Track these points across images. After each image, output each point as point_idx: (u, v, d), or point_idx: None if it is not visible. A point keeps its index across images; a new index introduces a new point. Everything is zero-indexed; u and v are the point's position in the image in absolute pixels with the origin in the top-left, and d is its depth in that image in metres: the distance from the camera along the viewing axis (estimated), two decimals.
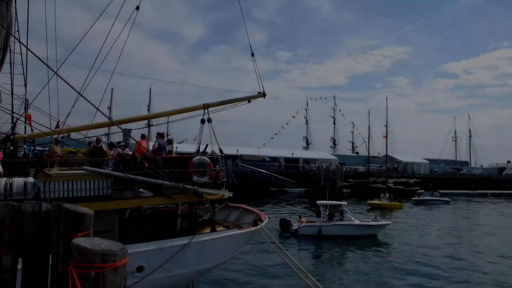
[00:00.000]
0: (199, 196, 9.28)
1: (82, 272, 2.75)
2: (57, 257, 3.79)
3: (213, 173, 9.66)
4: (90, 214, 3.78)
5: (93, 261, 2.73)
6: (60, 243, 3.69)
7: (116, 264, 2.81)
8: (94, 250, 2.74)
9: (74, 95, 8.06)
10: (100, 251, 2.75)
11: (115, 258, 2.80)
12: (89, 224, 3.75)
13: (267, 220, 11.45)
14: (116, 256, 2.80)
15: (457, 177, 77.45)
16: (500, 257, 18.89)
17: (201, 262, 9.58)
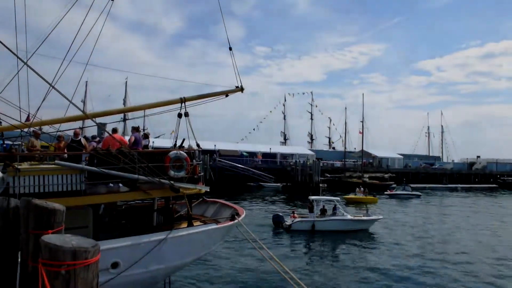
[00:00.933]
0: (176, 191, 9.17)
1: (52, 270, 2.65)
2: (26, 254, 3.65)
3: (190, 168, 9.55)
4: (62, 210, 3.65)
5: (63, 258, 2.63)
6: (29, 240, 3.56)
7: (88, 261, 2.72)
8: (64, 247, 2.64)
9: (45, 87, 7.78)
10: (70, 248, 2.65)
11: (87, 255, 2.70)
12: (60, 220, 3.62)
13: (245, 214, 11.45)
14: (88, 253, 2.71)
15: (429, 172, 79.63)
16: (466, 252, 19.53)
17: (178, 258, 9.49)
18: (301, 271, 14.78)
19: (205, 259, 14.33)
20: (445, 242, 21.21)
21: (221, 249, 16.42)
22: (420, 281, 14.09)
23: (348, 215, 23.66)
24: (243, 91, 11.38)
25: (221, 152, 59.26)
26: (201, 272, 13.86)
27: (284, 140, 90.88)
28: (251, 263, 15.16)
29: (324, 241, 20.72)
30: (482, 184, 79.59)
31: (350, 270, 15.33)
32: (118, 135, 10.43)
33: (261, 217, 27.35)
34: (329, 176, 61.01)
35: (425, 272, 15.22)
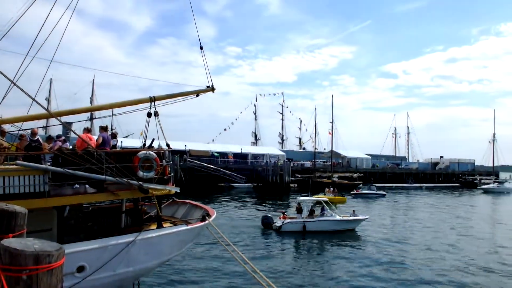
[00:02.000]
0: (145, 192, 9.00)
1: (13, 276, 2.52)
2: None
3: (159, 168, 9.39)
4: (23, 213, 3.49)
5: (25, 263, 2.51)
6: None
7: (52, 265, 2.60)
8: (25, 251, 2.51)
9: (6, 83, 7.44)
10: (33, 252, 2.52)
11: (50, 259, 2.58)
12: (22, 223, 3.46)
13: (215, 215, 11.38)
14: (51, 257, 2.59)
15: (396, 172, 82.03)
16: (427, 247, 20.27)
17: (147, 260, 9.31)
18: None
19: (175, 261, 14.14)
20: (406, 239, 21.93)
21: (192, 251, 16.25)
22: (380, 276, 14.67)
23: (337, 215, 24.01)
24: (214, 91, 11.32)
25: (191, 153, 58.71)
26: (171, 274, 13.67)
27: (255, 140, 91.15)
28: (221, 264, 15.09)
29: (316, 241, 20.92)
30: (445, 183, 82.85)
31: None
32: (89, 135, 10.12)
33: (252, 219, 27.24)
34: (299, 176, 61.68)
35: (387, 267, 15.70)
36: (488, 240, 22.55)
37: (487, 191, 67.14)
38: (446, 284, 13.92)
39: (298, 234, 22.13)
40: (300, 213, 24.00)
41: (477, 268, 16.08)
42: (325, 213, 23.89)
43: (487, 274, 15.26)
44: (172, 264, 13.94)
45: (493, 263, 16.97)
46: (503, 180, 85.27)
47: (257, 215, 29.36)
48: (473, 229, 26.27)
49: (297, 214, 24.06)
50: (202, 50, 11.20)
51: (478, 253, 18.73)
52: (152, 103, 10.01)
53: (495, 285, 14.06)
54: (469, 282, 14.19)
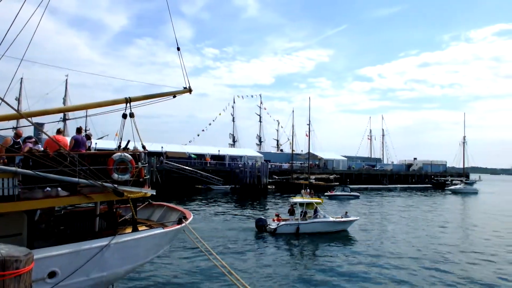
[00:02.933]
0: (120, 195, 8.81)
1: None
2: None
3: (135, 171, 9.23)
4: None
5: None
6: None
7: (20, 271, 2.51)
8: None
9: None
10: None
11: (18, 265, 2.49)
12: None
13: (192, 218, 11.27)
14: (19, 262, 2.50)
15: (371, 173, 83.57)
16: (399, 249, 20.72)
17: (122, 264, 9.12)
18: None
19: (151, 264, 13.92)
20: (380, 239, 22.41)
21: (168, 254, 16.05)
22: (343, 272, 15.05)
23: (330, 217, 24.29)
24: (191, 92, 11.22)
25: (168, 154, 58.06)
26: (147, 278, 13.45)
27: (233, 142, 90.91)
28: (198, 267, 14.95)
29: (311, 243, 21.02)
30: (419, 184, 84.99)
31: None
32: (60, 136, 9.83)
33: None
34: (277, 178, 61.96)
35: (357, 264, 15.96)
36: (460, 237, 23.28)
37: (455, 191, 69.29)
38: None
39: (292, 236, 22.19)
40: (292, 214, 24.09)
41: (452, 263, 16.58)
42: (318, 214, 24.08)
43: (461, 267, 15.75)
44: (148, 267, 13.72)
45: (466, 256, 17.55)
46: (472, 181, 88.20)
47: (244, 217, 29.39)
48: (441, 229, 27.03)
49: (290, 216, 24.10)
50: (179, 51, 11.07)
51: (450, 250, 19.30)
52: (128, 104, 9.83)
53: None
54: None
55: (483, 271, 16.04)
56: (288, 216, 24.33)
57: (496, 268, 16.58)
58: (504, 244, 21.62)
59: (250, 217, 29.75)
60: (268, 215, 30.99)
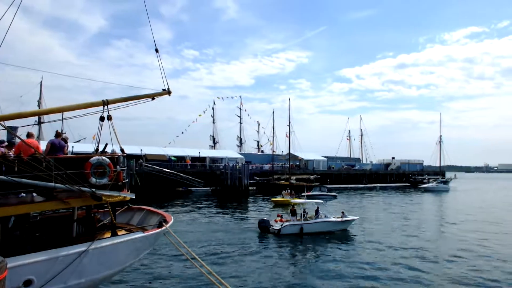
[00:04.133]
0: (98, 199, 8.63)
1: None
2: None
3: (113, 174, 9.06)
4: None
5: None
6: None
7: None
8: None
9: None
10: None
11: None
12: None
13: (173, 221, 11.14)
14: None
15: (351, 173, 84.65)
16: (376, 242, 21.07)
17: (101, 270, 8.93)
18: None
19: (132, 269, 13.69)
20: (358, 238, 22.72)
21: (149, 258, 15.82)
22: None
23: (331, 216, 24.53)
24: (171, 94, 11.11)
25: (148, 157, 57.36)
26: (127, 283, 13.21)
27: (213, 143, 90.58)
28: (180, 271, 14.78)
29: (315, 243, 21.06)
30: (397, 183, 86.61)
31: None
32: (31, 140, 9.55)
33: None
34: (258, 179, 62.02)
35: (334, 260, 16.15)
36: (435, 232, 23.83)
37: (427, 189, 70.91)
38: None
39: (296, 237, 22.29)
40: (294, 215, 24.18)
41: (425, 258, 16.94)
42: (320, 214, 24.32)
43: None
44: (128, 272, 13.48)
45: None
46: (448, 180, 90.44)
47: (237, 219, 29.23)
48: (414, 226, 27.63)
49: (292, 217, 24.17)
50: (157, 53, 10.97)
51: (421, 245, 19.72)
52: (105, 107, 9.65)
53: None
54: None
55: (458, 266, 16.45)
56: (290, 217, 24.39)
57: (467, 263, 17.03)
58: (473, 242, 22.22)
59: (243, 219, 29.77)
60: (249, 216, 31.08)
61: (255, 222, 27.86)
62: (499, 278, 14.69)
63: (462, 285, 13.92)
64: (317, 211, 24.55)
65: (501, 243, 21.59)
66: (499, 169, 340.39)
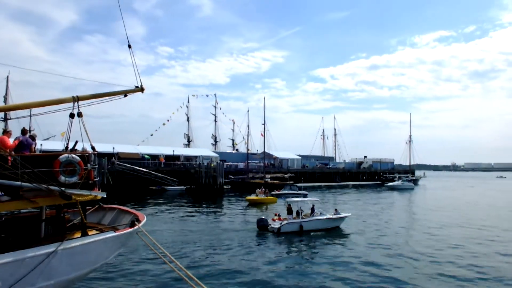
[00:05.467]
0: (67, 198, 8.39)
1: None
2: None
3: (84, 173, 8.83)
4: None
5: None
6: None
7: None
8: None
9: None
10: None
11: None
12: None
13: (145, 220, 10.98)
14: None
15: (324, 171, 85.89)
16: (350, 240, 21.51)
17: (71, 271, 8.69)
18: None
19: (103, 270, 13.39)
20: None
21: (121, 258, 15.52)
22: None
23: (327, 214, 25.13)
24: (144, 91, 10.93)
25: (120, 155, 56.26)
26: (98, 284, 12.91)
27: (187, 142, 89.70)
28: (153, 271, 14.57)
29: (315, 240, 21.38)
30: (369, 181, 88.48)
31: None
32: (5, 137, 9.16)
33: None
34: (232, 177, 61.93)
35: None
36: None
37: (393, 188, 72.80)
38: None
39: (295, 234, 22.48)
40: (290, 213, 24.34)
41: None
42: (316, 212, 24.72)
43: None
44: (99, 273, 13.18)
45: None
46: (417, 178, 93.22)
47: (218, 217, 28.99)
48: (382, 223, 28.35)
49: (288, 215, 24.31)
50: (130, 49, 10.78)
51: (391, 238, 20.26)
52: (76, 103, 9.39)
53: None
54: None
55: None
56: (286, 215, 24.53)
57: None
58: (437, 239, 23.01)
59: (219, 218, 29.56)
60: (225, 215, 31.04)
61: (231, 221, 27.89)
62: (462, 270, 15.27)
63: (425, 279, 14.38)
64: (313, 209, 24.98)
65: (465, 238, 22.45)
66: (465, 168, 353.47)
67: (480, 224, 28.19)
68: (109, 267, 14.14)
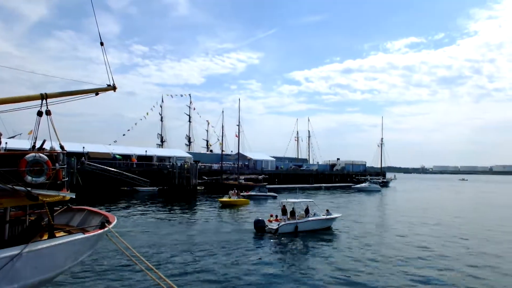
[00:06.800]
0: (34, 199, 8.10)
1: None
2: None
3: (51, 172, 8.56)
4: None
5: None
6: None
7: None
8: None
9: None
10: None
11: None
12: None
13: (116, 221, 10.75)
14: None
15: (298, 173, 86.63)
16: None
17: (36, 274, 8.38)
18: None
19: (71, 273, 13.00)
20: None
21: (90, 261, 15.10)
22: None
23: (321, 214, 25.55)
24: (116, 90, 10.73)
25: (91, 155, 54.87)
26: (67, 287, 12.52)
27: (161, 142, 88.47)
28: (123, 274, 14.24)
29: (310, 240, 21.64)
30: (341, 183, 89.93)
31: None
32: None
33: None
34: (206, 178, 61.53)
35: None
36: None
37: (360, 190, 74.36)
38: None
39: (292, 235, 22.73)
40: (285, 214, 24.50)
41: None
42: (310, 213, 25.14)
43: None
44: (66, 276, 12.79)
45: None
46: (388, 180, 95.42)
47: (190, 218, 28.61)
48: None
49: (283, 216, 24.44)
50: (102, 47, 10.56)
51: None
52: (44, 101, 9.10)
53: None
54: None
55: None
56: (281, 216, 24.65)
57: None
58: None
59: (190, 220, 29.21)
60: (195, 216, 30.81)
61: (206, 222, 27.72)
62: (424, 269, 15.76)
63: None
64: (307, 210, 25.37)
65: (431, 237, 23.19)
66: (434, 170, 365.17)
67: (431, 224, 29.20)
68: (77, 270, 13.74)
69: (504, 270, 16.19)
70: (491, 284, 14.13)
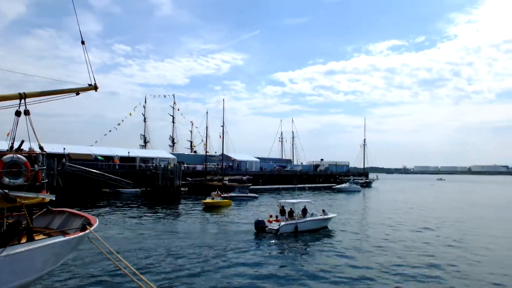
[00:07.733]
0: (11, 201, 7.89)
1: None
2: None
3: (30, 174, 8.34)
4: None
5: None
6: None
7: None
8: None
9: None
10: None
11: None
12: None
13: (98, 223, 10.55)
14: None
15: (282, 174, 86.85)
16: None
17: (14, 278, 8.15)
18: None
19: (51, 277, 12.70)
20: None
21: (71, 264, 14.78)
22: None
23: (318, 214, 25.91)
24: (98, 90, 10.55)
25: (71, 156, 53.94)
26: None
27: (144, 143, 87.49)
28: (105, 278, 13.96)
29: (310, 240, 22.00)
30: (325, 184, 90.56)
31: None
32: None
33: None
34: (190, 180, 61.14)
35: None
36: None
37: (340, 190, 75.05)
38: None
39: (292, 235, 22.99)
40: (283, 214, 24.73)
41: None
42: (308, 213, 25.40)
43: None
44: (45, 281, 12.49)
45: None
46: (371, 180, 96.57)
47: (173, 220, 28.27)
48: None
49: (281, 216, 24.66)
50: (84, 45, 10.38)
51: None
52: (22, 100, 8.87)
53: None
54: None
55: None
56: (280, 216, 24.82)
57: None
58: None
59: (173, 221, 28.87)
60: (178, 217, 30.53)
61: (192, 224, 27.48)
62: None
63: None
64: (305, 210, 25.62)
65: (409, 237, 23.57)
66: (415, 171, 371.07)
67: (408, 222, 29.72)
68: (57, 274, 13.42)
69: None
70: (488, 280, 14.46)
